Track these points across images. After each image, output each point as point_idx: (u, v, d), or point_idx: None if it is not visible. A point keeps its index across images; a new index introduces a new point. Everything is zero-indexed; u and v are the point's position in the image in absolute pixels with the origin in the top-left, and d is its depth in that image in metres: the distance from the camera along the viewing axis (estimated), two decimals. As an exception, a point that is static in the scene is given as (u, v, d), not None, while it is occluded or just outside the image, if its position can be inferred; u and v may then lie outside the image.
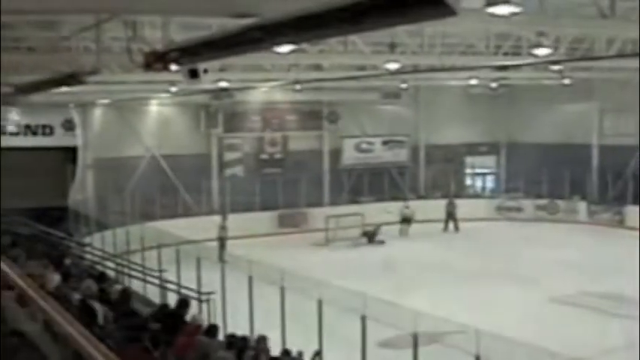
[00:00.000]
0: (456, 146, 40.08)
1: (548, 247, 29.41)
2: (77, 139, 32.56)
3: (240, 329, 13.95)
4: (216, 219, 31.42)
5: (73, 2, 9.20)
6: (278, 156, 37.17)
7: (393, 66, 20.44)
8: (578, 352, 15.44)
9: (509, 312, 20.09)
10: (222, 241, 28.89)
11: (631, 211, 33.58)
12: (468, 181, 41.52)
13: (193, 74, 12.05)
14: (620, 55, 18.92)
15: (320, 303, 13.67)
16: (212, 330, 12.25)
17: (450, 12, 5.39)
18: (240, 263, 16.69)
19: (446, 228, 34.51)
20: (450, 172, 39.37)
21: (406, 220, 34.14)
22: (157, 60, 11.09)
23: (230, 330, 14.01)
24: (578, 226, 34.83)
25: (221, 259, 24.22)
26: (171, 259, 19.46)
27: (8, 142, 30.95)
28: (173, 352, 10.69)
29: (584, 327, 19.21)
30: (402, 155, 39.60)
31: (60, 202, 30.59)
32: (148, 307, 15.75)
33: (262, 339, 12.47)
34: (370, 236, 32.51)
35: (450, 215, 34.85)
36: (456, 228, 34.56)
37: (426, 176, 40.02)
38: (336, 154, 38.36)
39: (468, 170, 41.22)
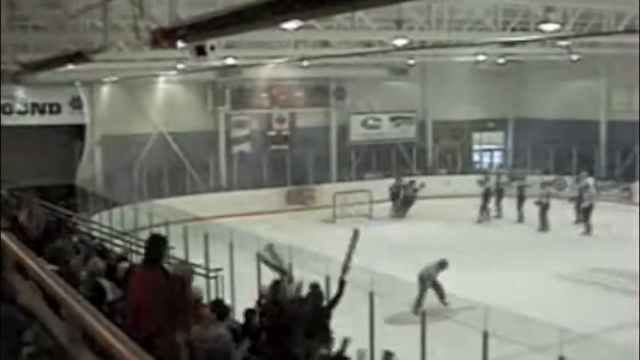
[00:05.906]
0: (464, 122, 39.98)
1: (555, 223, 29.32)
2: (85, 117, 32.59)
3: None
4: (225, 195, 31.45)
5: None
6: (285, 133, 37.09)
7: (400, 42, 20.37)
8: (585, 328, 15.47)
9: (516, 288, 20.09)
10: None
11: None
12: (476, 157, 41.42)
13: (200, 51, 12.04)
14: (629, 31, 18.81)
15: (327, 279, 13.68)
16: (215, 305, 12.21)
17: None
18: (248, 241, 16.65)
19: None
20: (457, 149, 39.38)
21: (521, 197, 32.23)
22: (164, 37, 11.08)
23: (238, 307, 14.04)
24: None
25: None
26: (180, 236, 19.47)
27: (16, 120, 31.00)
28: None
29: (592, 303, 19.25)
30: (409, 131, 39.59)
31: (68, 180, 30.71)
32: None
33: None
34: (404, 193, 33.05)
35: None
36: None
37: (434, 152, 40.01)
38: (343, 130, 38.35)
39: (476, 146, 41.11)
